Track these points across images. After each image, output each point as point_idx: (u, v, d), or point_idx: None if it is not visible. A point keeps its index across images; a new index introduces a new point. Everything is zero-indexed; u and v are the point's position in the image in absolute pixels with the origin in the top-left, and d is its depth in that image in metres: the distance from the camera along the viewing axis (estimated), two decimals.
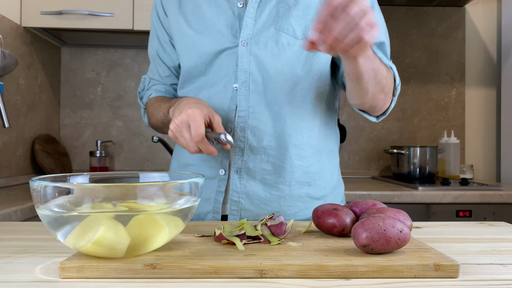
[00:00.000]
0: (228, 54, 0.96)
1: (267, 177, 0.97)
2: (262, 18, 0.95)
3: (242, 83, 0.95)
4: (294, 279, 0.54)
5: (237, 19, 0.96)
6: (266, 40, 0.95)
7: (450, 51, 2.44)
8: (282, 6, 0.95)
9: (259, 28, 0.95)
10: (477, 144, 2.46)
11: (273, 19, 0.95)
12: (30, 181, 0.57)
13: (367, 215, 0.68)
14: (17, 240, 0.74)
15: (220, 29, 0.97)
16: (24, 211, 1.26)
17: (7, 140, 1.79)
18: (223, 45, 0.96)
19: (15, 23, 1.84)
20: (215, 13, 0.97)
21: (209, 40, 0.97)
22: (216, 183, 0.98)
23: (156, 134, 2.32)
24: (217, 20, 0.97)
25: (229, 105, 0.96)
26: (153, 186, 0.56)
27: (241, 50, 0.95)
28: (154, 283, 0.53)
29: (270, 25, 0.95)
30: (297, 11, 0.95)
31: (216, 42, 0.97)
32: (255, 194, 0.97)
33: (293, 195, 0.98)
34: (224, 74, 0.97)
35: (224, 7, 0.97)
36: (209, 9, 0.98)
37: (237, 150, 0.96)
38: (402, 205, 1.74)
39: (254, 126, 0.96)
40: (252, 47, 0.95)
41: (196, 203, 0.62)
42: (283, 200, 0.97)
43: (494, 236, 0.79)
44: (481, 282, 0.54)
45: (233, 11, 0.96)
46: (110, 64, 2.33)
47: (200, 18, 0.99)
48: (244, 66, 0.95)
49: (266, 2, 0.95)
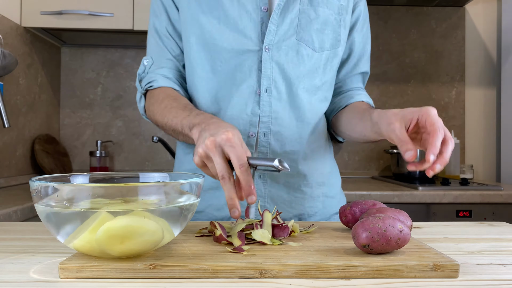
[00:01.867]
0: (250, 56, 0.94)
1: (291, 180, 0.98)
2: (284, 26, 0.94)
3: (266, 89, 0.95)
4: (294, 279, 0.54)
5: (260, 23, 0.94)
6: (287, 49, 0.94)
7: (450, 51, 2.44)
8: (303, 17, 0.95)
9: (281, 36, 0.94)
10: (477, 144, 2.46)
11: (295, 29, 0.94)
12: (30, 181, 0.57)
13: (367, 215, 0.68)
14: (17, 240, 0.74)
15: (242, 29, 0.94)
16: (24, 211, 1.26)
17: (7, 140, 1.79)
18: (246, 46, 0.94)
19: (15, 23, 1.84)
20: (237, 11, 0.94)
21: (232, 36, 0.93)
22: None
23: (156, 134, 2.31)
24: (239, 19, 0.94)
25: (252, 109, 0.95)
26: (153, 186, 0.56)
27: (264, 55, 0.94)
28: (154, 283, 0.53)
29: (292, 34, 0.94)
30: (317, 25, 0.95)
31: (238, 41, 0.93)
32: (280, 198, 0.98)
33: (314, 196, 1.00)
34: (247, 76, 0.94)
35: (248, 8, 0.94)
36: (231, 7, 0.94)
37: (260, 155, 0.96)
38: (402, 205, 1.74)
39: (277, 131, 0.96)
40: (274, 53, 0.94)
41: (196, 201, 0.62)
42: (306, 201, 0.99)
43: (494, 236, 0.79)
44: (481, 282, 0.54)
45: (256, 14, 0.94)
46: (110, 64, 2.33)
47: (222, 12, 0.94)
48: (267, 72, 0.94)
49: (288, 11, 0.94)
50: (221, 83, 0.95)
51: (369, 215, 0.67)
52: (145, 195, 0.56)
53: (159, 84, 0.98)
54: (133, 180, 0.72)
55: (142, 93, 1.02)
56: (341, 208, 0.76)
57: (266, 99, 0.95)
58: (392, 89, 2.43)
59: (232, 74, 0.94)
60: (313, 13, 0.95)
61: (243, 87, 0.94)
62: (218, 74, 0.95)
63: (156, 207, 0.56)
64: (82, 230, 0.54)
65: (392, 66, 2.43)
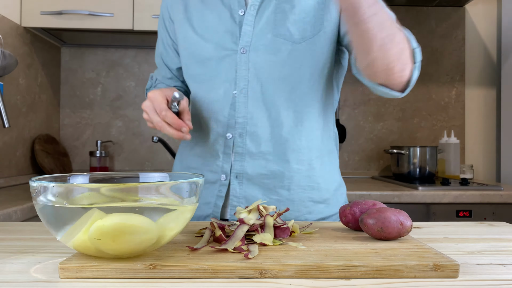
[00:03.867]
0: (228, 61, 0.97)
1: (266, 181, 0.98)
2: (260, 25, 0.96)
3: (241, 90, 0.97)
4: (294, 279, 0.54)
5: (237, 26, 0.97)
6: (264, 47, 0.95)
7: (450, 51, 2.44)
8: (279, 12, 0.96)
9: (257, 35, 0.96)
10: (477, 144, 2.46)
11: (271, 26, 0.95)
12: (30, 181, 0.57)
13: (367, 215, 0.68)
14: (17, 240, 0.74)
15: (220, 36, 0.98)
16: (24, 211, 1.26)
17: (7, 140, 1.79)
18: (223, 52, 0.98)
19: (15, 23, 1.84)
20: (217, 20, 0.99)
21: (210, 45, 0.99)
22: (217, 187, 1.00)
23: (156, 134, 2.32)
24: (218, 26, 0.99)
25: (229, 111, 0.98)
26: (152, 186, 0.56)
27: (240, 57, 0.96)
28: (154, 283, 0.53)
29: (268, 32, 0.95)
30: (294, 15, 0.95)
31: (217, 48, 0.98)
32: (254, 199, 0.98)
33: (293, 199, 0.98)
34: (224, 81, 0.98)
35: (226, 15, 0.98)
36: (212, 16, 0.99)
37: (237, 155, 0.98)
38: (402, 205, 1.74)
39: (253, 132, 0.97)
40: (250, 54, 0.96)
41: (196, 201, 0.62)
42: (282, 204, 0.98)
43: (494, 236, 0.79)
44: (481, 282, 0.54)
45: (234, 18, 0.98)
46: (110, 64, 2.33)
47: (204, 24, 1.00)
48: (242, 74, 0.96)
49: (263, 10, 0.96)
50: (202, 89, 1.02)
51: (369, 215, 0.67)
52: (145, 195, 0.56)
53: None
54: (133, 180, 0.72)
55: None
56: (341, 208, 0.76)
57: (242, 100, 0.96)
58: None
59: (211, 80, 1.00)
60: (287, 5, 0.95)
61: (221, 90, 0.99)
62: (201, 82, 1.02)
63: (156, 206, 0.56)
64: (78, 229, 0.54)
65: None
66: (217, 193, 0.99)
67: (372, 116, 2.43)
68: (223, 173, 0.99)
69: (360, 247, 0.63)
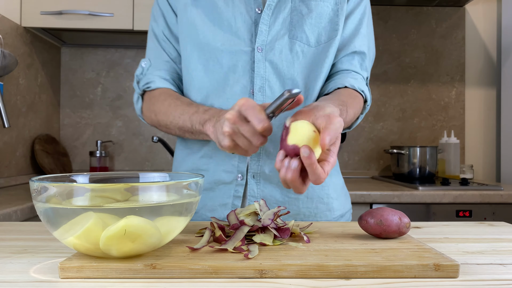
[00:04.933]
0: (242, 57, 0.95)
1: None
2: (276, 25, 0.95)
3: (259, 89, 0.95)
4: (294, 279, 0.54)
5: (253, 24, 0.95)
6: (281, 48, 0.95)
7: (450, 51, 2.44)
8: (295, 14, 0.95)
9: (273, 36, 0.95)
10: (477, 144, 2.46)
11: (287, 28, 0.95)
12: (30, 181, 0.57)
13: (366, 213, 0.69)
14: (17, 240, 0.74)
15: (236, 31, 0.95)
16: (24, 211, 1.26)
17: (7, 140, 1.79)
18: (239, 47, 0.95)
19: (15, 23, 1.84)
20: (231, 13, 0.95)
21: (225, 36, 0.95)
22: (233, 187, 0.97)
23: (156, 134, 2.32)
24: (233, 20, 0.95)
25: None
26: (153, 186, 0.56)
27: (257, 55, 0.94)
28: (154, 283, 0.53)
29: (284, 33, 0.95)
30: (310, 19, 0.95)
31: (232, 41, 0.95)
32: (273, 198, 0.97)
33: (311, 196, 0.98)
34: (239, 77, 0.95)
35: (242, 10, 0.95)
36: (226, 8, 0.95)
37: (253, 155, 0.95)
38: (402, 205, 1.74)
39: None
40: (267, 53, 0.95)
41: (196, 201, 0.62)
42: (301, 202, 0.98)
43: (494, 236, 0.79)
44: (481, 282, 0.54)
45: (250, 15, 0.95)
46: (110, 64, 2.33)
47: (216, 13, 0.96)
48: (260, 72, 0.95)
49: (280, 10, 0.95)
50: (213, 83, 0.96)
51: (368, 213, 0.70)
52: (145, 195, 0.56)
53: (157, 85, 1.00)
54: (133, 180, 0.72)
55: (139, 94, 1.04)
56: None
57: (260, 99, 0.95)
58: (392, 89, 2.43)
59: (225, 75, 0.95)
60: (305, 9, 0.95)
61: (237, 87, 0.95)
62: (211, 75, 0.96)
63: (156, 206, 0.56)
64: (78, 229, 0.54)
65: (392, 66, 2.43)
66: (233, 193, 0.97)
67: (372, 116, 2.43)
68: (239, 173, 0.96)
69: (360, 247, 0.63)
